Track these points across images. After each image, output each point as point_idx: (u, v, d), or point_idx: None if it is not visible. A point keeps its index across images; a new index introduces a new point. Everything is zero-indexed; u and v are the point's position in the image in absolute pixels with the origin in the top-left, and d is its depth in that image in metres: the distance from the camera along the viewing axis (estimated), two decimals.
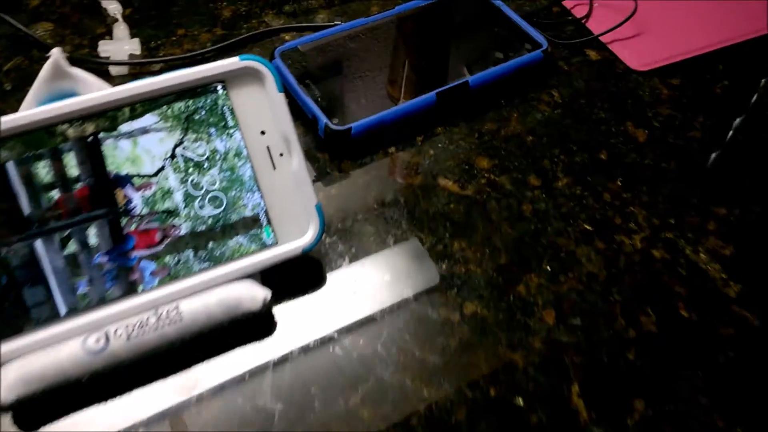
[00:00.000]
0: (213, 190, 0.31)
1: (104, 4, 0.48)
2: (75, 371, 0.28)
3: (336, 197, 0.38)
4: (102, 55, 0.45)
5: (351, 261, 0.35)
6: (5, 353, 0.28)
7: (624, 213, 0.38)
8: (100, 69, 0.44)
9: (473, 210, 0.38)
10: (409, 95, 0.42)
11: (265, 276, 0.33)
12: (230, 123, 0.32)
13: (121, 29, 0.46)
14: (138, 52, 0.45)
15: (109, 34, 0.47)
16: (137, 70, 0.44)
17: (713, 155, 0.42)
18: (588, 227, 0.37)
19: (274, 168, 0.32)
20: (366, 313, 0.33)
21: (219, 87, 0.31)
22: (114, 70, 0.44)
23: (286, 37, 0.48)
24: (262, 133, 0.32)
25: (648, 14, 0.51)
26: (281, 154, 0.32)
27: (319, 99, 0.41)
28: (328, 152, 0.40)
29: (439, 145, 0.41)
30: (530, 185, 0.39)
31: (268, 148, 0.32)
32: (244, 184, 0.32)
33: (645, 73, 0.47)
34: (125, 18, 0.48)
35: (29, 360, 0.28)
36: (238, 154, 0.32)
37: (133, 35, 0.47)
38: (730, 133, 0.44)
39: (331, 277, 0.35)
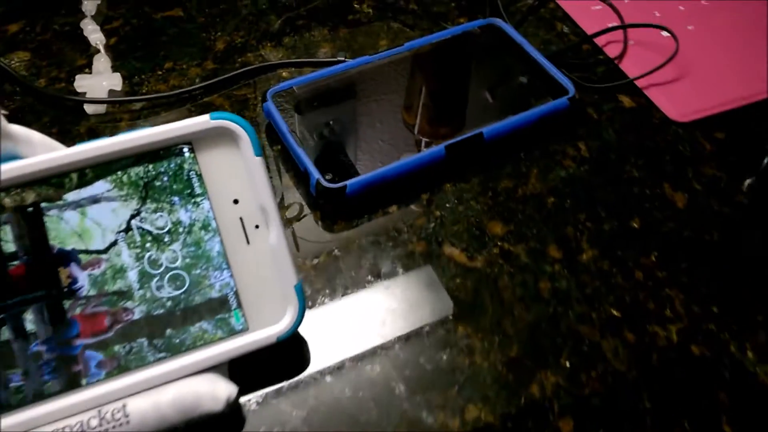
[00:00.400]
0: (174, 268, 0.27)
1: (87, 32, 0.45)
2: None
3: (325, 266, 0.34)
4: (78, 90, 0.41)
5: (338, 347, 0.31)
6: None
7: (659, 296, 0.34)
8: (75, 107, 0.41)
9: (482, 287, 0.34)
10: (422, 144, 0.38)
11: (235, 363, 0.29)
12: (197, 190, 0.28)
13: (101, 62, 0.43)
14: (119, 88, 0.42)
15: (90, 66, 0.43)
16: (116, 108, 0.41)
17: (747, 182, 0.38)
18: (616, 313, 0.33)
19: (248, 242, 0.28)
20: (349, 413, 0.29)
21: (185, 149, 0.28)
22: (90, 109, 0.41)
23: (284, 74, 0.44)
24: (235, 202, 0.28)
25: (691, 56, 0.46)
26: (257, 226, 0.28)
27: (314, 149, 0.37)
28: (320, 210, 0.36)
29: (447, 205, 0.37)
30: (550, 258, 0.35)
31: (241, 219, 0.28)
32: (212, 261, 0.28)
33: (686, 125, 0.42)
34: (109, 48, 0.45)
35: None
36: (205, 227, 0.28)
37: (116, 68, 0.43)
38: (766, 159, 0.39)
39: (313, 364, 0.30)
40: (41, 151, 0.26)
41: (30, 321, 0.26)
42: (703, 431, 0.29)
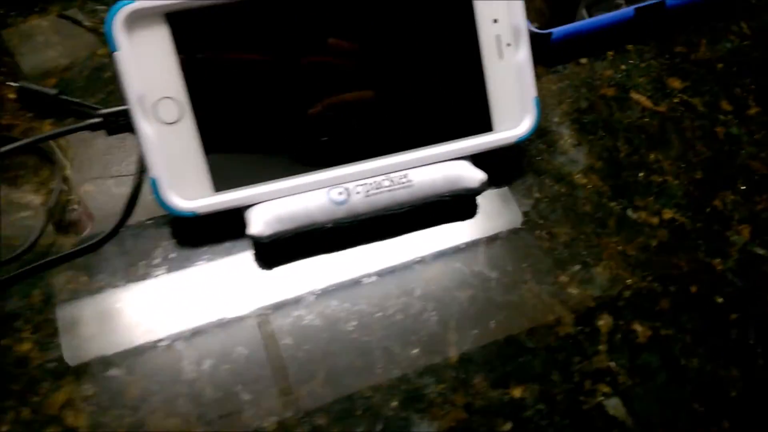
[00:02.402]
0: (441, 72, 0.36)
1: None
2: (320, 217, 0.34)
3: None
4: None
5: (549, 158, 0.40)
6: (264, 193, 0.34)
7: None
8: None
9: (667, 126, 0.42)
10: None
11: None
12: (467, 7, 0.36)
13: None
14: None
15: None
16: None
17: None
18: None
19: (501, 57, 0.37)
20: (568, 206, 0.38)
21: None
22: None
23: None
24: (495, 21, 0.37)
25: None
26: (508, 44, 0.37)
27: None
28: None
29: (630, 62, 0.46)
30: (722, 110, 0.43)
31: (497, 36, 0.37)
32: (472, 70, 0.37)
33: None
34: None
35: (283, 203, 0.34)
36: (470, 38, 0.36)
37: None
38: None
39: (535, 171, 0.40)
40: None
41: None
42: None
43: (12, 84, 0.39)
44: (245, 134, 0.34)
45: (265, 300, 0.34)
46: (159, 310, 0.33)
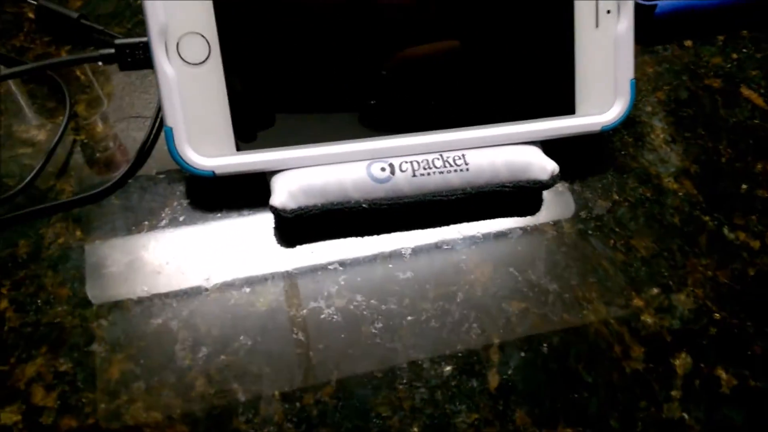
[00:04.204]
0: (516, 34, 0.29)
1: None
2: (355, 195, 0.28)
3: None
4: None
5: (635, 154, 0.33)
6: (293, 159, 0.28)
7: None
8: None
9: None
10: None
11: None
12: None
13: None
14: None
15: None
16: None
17: None
18: None
19: (597, 25, 0.29)
20: (652, 214, 0.31)
21: None
22: None
23: None
24: None
25: None
26: (608, 11, 0.29)
27: None
28: None
29: (744, 50, 0.37)
30: None
31: (596, 1, 0.29)
32: (560, 36, 0.29)
33: None
34: None
35: (314, 173, 0.28)
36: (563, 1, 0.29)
37: None
38: None
39: (616, 167, 0.32)
40: None
41: None
42: None
43: (31, 1, 0.34)
44: (279, 87, 0.28)
45: (279, 284, 0.28)
46: (156, 280, 0.28)
